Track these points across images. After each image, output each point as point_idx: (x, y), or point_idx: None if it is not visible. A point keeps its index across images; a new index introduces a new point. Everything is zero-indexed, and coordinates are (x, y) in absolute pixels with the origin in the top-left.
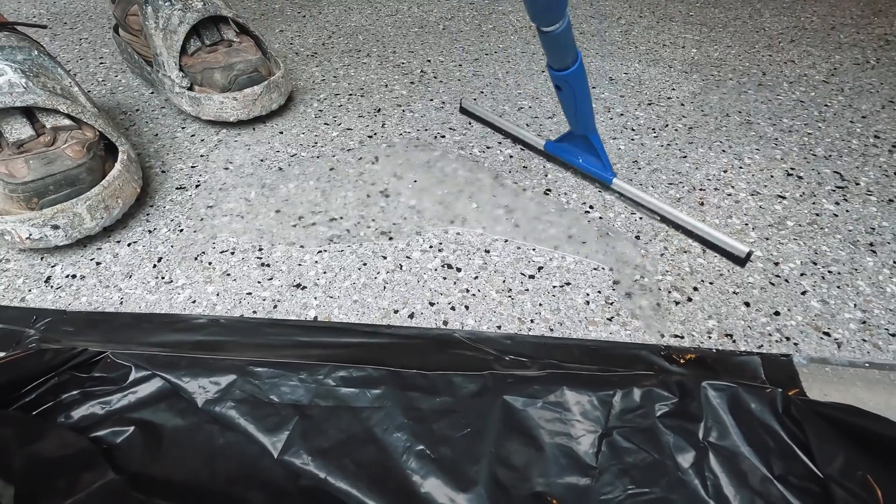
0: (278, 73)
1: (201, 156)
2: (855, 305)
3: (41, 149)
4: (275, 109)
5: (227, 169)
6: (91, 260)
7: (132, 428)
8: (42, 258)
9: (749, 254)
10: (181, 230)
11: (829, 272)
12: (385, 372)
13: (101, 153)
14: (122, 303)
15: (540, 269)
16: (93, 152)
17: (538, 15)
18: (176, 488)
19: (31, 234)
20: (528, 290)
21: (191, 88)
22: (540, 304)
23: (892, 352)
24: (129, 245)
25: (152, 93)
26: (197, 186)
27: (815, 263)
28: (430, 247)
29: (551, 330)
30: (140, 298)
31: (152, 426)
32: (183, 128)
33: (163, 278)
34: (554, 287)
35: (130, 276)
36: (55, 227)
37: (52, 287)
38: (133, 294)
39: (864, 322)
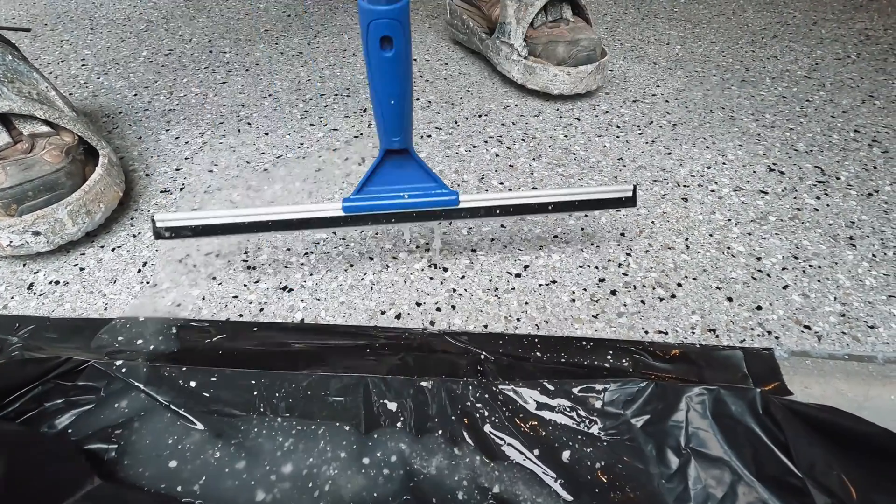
0: (605, 57)
1: (186, 158)
2: (835, 299)
3: (18, 155)
4: (592, 90)
5: (211, 171)
6: (75, 266)
7: (116, 436)
8: (25, 265)
9: (635, 188)
10: None
11: (810, 266)
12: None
13: (80, 157)
14: (106, 308)
15: (526, 267)
16: (72, 157)
17: None
18: (160, 496)
19: (11, 241)
20: (514, 288)
21: (527, 58)
22: (526, 303)
23: (871, 344)
24: (113, 250)
25: (135, 94)
26: (181, 189)
27: (797, 258)
28: (417, 247)
29: (538, 328)
30: (124, 303)
31: (136, 434)
32: (167, 130)
33: (147, 282)
34: (540, 285)
35: (115, 282)
36: (36, 234)
37: (35, 294)
38: (118, 299)
39: (843, 315)
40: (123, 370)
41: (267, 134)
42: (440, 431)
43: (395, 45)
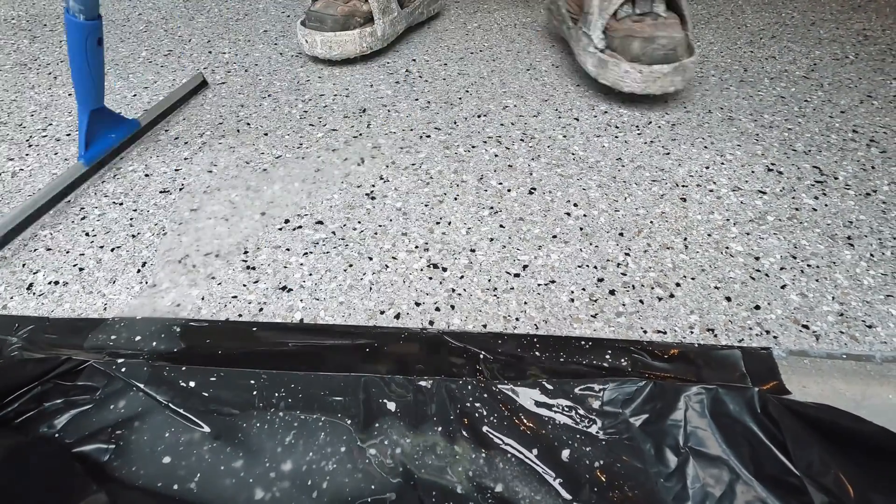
0: (691, 58)
1: (185, 158)
2: (833, 298)
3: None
4: (669, 92)
5: (210, 171)
6: (74, 266)
7: (115, 436)
8: (24, 265)
9: (200, 74)
10: (165, 234)
11: (808, 266)
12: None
13: None
14: (105, 308)
15: (525, 267)
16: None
17: None
18: (159, 499)
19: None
20: (513, 288)
21: (603, 51)
22: (525, 303)
23: (869, 343)
24: (112, 250)
25: (135, 95)
26: (181, 189)
27: (795, 257)
28: (416, 247)
29: (536, 328)
30: (124, 304)
31: (136, 433)
32: (166, 130)
33: (147, 282)
34: (539, 285)
35: (114, 282)
36: None
37: (34, 294)
38: (117, 299)
39: (841, 314)
40: (123, 370)
41: (266, 134)
42: (439, 431)
43: (102, 40)
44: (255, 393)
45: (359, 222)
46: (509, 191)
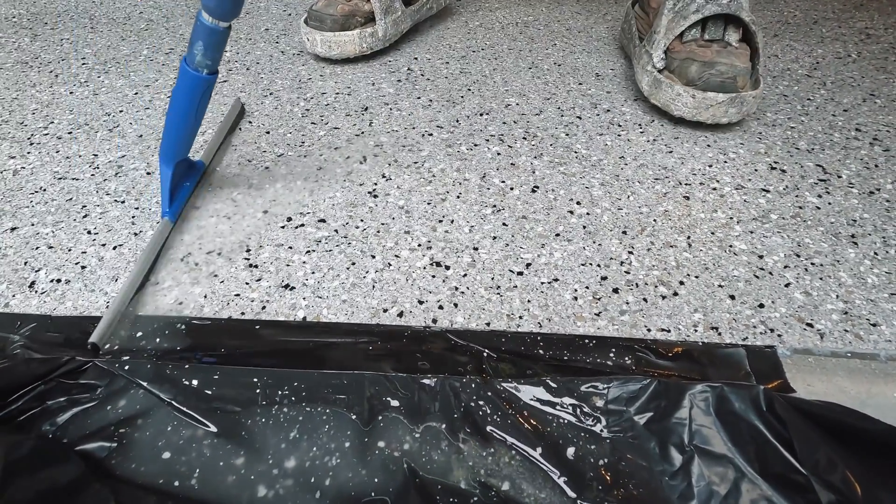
0: (752, 92)
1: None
2: (837, 296)
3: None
4: (722, 124)
5: (213, 169)
6: (76, 264)
7: (118, 434)
8: (26, 263)
9: (239, 100)
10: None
11: (812, 264)
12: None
13: None
14: (108, 306)
15: (528, 265)
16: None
17: (232, 7)
18: (162, 496)
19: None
20: (516, 286)
21: (661, 71)
22: (528, 301)
23: (874, 341)
24: (114, 248)
25: (136, 93)
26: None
27: (799, 256)
28: (419, 245)
29: (540, 326)
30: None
31: (138, 431)
32: None
33: (149, 281)
34: (542, 283)
35: (116, 280)
36: None
37: (36, 292)
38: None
39: (845, 313)
40: (126, 368)
41: (268, 132)
42: (443, 429)
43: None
44: (258, 391)
45: (361, 220)
46: (512, 189)
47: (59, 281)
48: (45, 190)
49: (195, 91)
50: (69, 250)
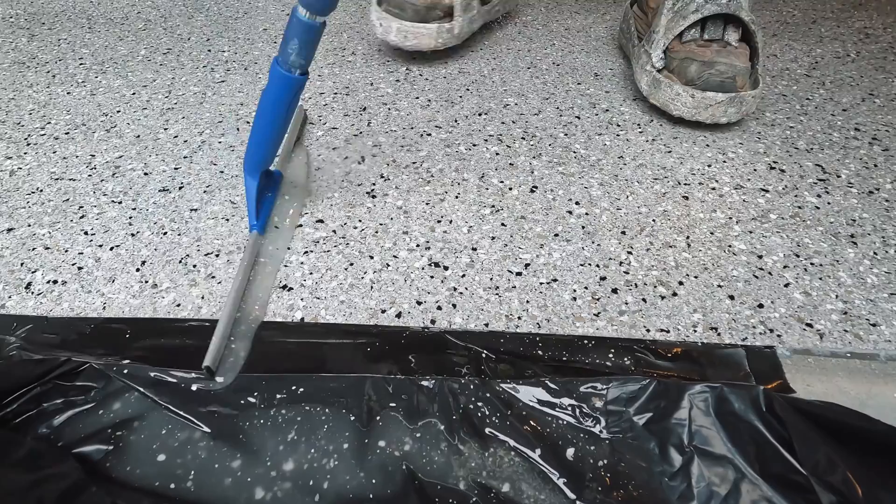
0: (751, 91)
1: (185, 157)
2: (836, 296)
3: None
4: (721, 124)
5: (210, 170)
6: (73, 265)
7: (115, 438)
8: (22, 264)
9: (302, 108)
10: (165, 233)
11: (812, 264)
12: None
13: None
14: (104, 308)
15: (527, 266)
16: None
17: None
18: (158, 499)
19: None
20: (515, 287)
21: (660, 71)
22: (527, 302)
23: (873, 342)
24: (111, 249)
25: (133, 93)
26: (180, 188)
27: (798, 256)
28: (417, 245)
29: (539, 326)
30: (124, 303)
31: (134, 434)
32: (165, 129)
33: (146, 282)
34: (541, 284)
35: (113, 281)
36: None
37: (32, 293)
38: (116, 298)
39: (845, 313)
40: (124, 371)
41: None
42: (442, 430)
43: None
44: (255, 394)
45: (359, 221)
46: (511, 189)
47: (55, 282)
48: (41, 191)
49: (288, 93)
50: (66, 251)
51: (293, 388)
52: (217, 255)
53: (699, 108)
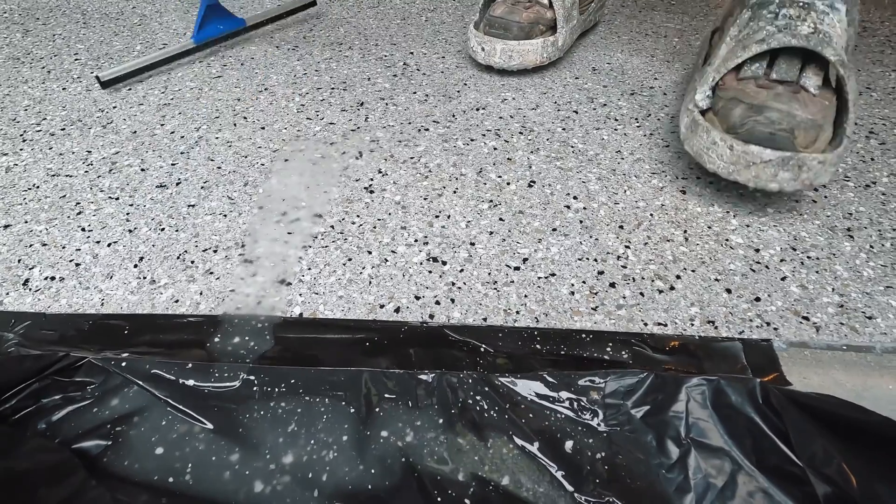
0: (817, 156)
1: (182, 153)
2: (833, 290)
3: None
4: (771, 190)
5: (208, 166)
6: (70, 261)
7: (114, 433)
8: (19, 260)
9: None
10: (162, 229)
11: (808, 258)
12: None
13: None
14: (103, 304)
15: (525, 260)
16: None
17: None
18: (158, 493)
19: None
20: (513, 281)
21: (704, 112)
22: (525, 296)
23: (869, 334)
24: (108, 245)
25: (129, 89)
26: (178, 184)
27: (795, 249)
28: (416, 240)
29: (537, 321)
30: (122, 299)
31: (134, 429)
32: (162, 125)
33: (144, 278)
34: (539, 278)
35: (111, 277)
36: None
37: (30, 290)
38: (114, 295)
39: (841, 306)
40: (122, 365)
41: (263, 128)
42: (441, 424)
43: None
44: (254, 388)
45: (357, 216)
46: (508, 184)
47: (53, 278)
48: (38, 187)
49: None
50: (63, 248)
51: (292, 381)
52: (215, 251)
53: (738, 164)
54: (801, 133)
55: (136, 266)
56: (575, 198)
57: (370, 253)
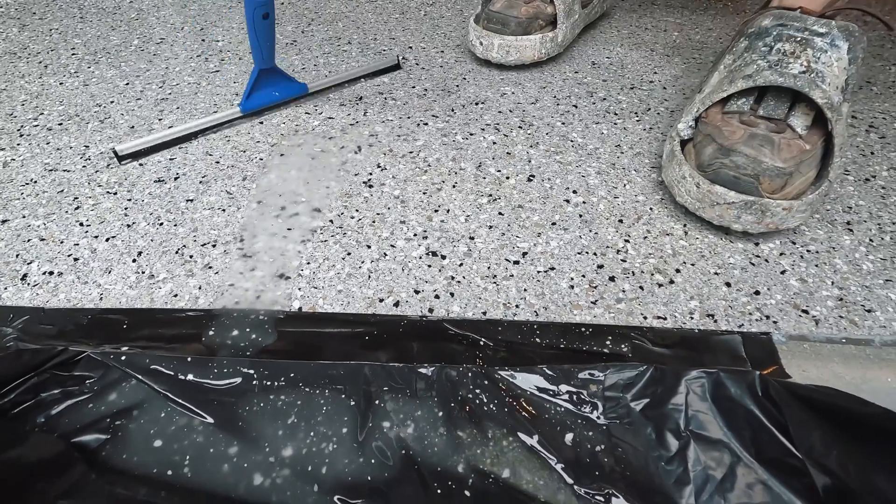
0: (781, 202)
1: (180, 148)
2: (832, 283)
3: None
4: (735, 230)
5: (206, 161)
6: (69, 256)
7: (113, 427)
8: (17, 255)
9: (398, 56)
10: (161, 224)
11: (808, 251)
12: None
13: None
14: (101, 298)
15: (524, 254)
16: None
17: None
18: (157, 486)
19: None
20: (512, 275)
21: (684, 142)
22: (525, 290)
23: (868, 327)
24: (107, 240)
25: (127, 84)
26: (176, 179)
27: (794, 243)
28: (415, 235)
29: (536, 314)
30: (120, 293)
31: (133, 423)
32: (160, 119)
33: (143, 272)
34: (538, 272)
35: (110, 272)
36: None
37: (28, 284)
38: (113, 289)
39: (840, 299)
40: (122, 359)
41: (261, 123)
42: (440, 417)
43: (270, 14)
44: (254, 382)
45: (356, 210)
46: (508, 178)
47: (51, 273)
48: (35, 182)
49: (247, 9)
50: (61, 242)
51: (292, 374)
52: (214, 246)
53: (704, 202)
54: (766, 180)
55: (134, 261)
56: (574, 192)
57: (369, 247)
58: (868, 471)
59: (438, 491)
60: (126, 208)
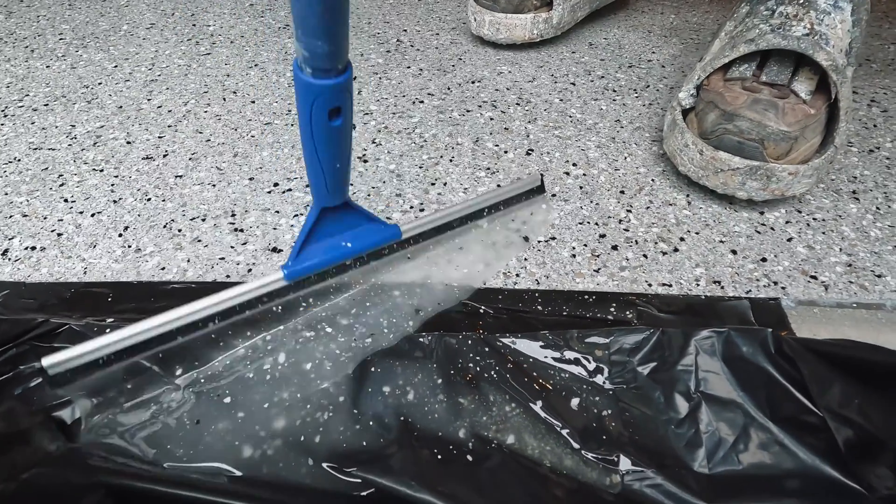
0: (787, 167)
1: (169, 126)
2: (840, 249)
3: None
4: (740, 198)
5: (196, 139)
6: (52, 231)
7: (92, 399)
8: None
9: (542, 177)
10: (149, 199)
11: (814, 219)
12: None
13: None
14: (85, 272)
15: None
16: None
17: None
18: (139, 459)
19: None
20: None
21: (686, 112)
22: (525, 259)
23: (879, 292)
24: (92, 215)
25: (116, 66)
26: (165, 156)
27: (800, 212)
28: (411, 207)
29: (538, 283)
30: (105, 267)
31: (114, 397)
32: (149, 99)
33: (129, 246)
34: (539, 241)
35: (95, 246)
36: None
37: (9, 259)
38: (98, 263)
39: (849, 265)
40: (106, 331)
41: (253, 102)
42: (440, 384)
43: (343, 112)
44: (248, 351)
45: (351, 185)
46: (506, 152)
47: (33, 248)
48: (19, 160)
49: (304, 99)
50: (44, 218)
51: (285, 342)
52: (203, 220)
53: (707, 169)
54: (770, 144)
55: (120, 235)
56: (574, 165)
57: None
58: (890, 420)
59: (439, 457)
60: (113, 185)
